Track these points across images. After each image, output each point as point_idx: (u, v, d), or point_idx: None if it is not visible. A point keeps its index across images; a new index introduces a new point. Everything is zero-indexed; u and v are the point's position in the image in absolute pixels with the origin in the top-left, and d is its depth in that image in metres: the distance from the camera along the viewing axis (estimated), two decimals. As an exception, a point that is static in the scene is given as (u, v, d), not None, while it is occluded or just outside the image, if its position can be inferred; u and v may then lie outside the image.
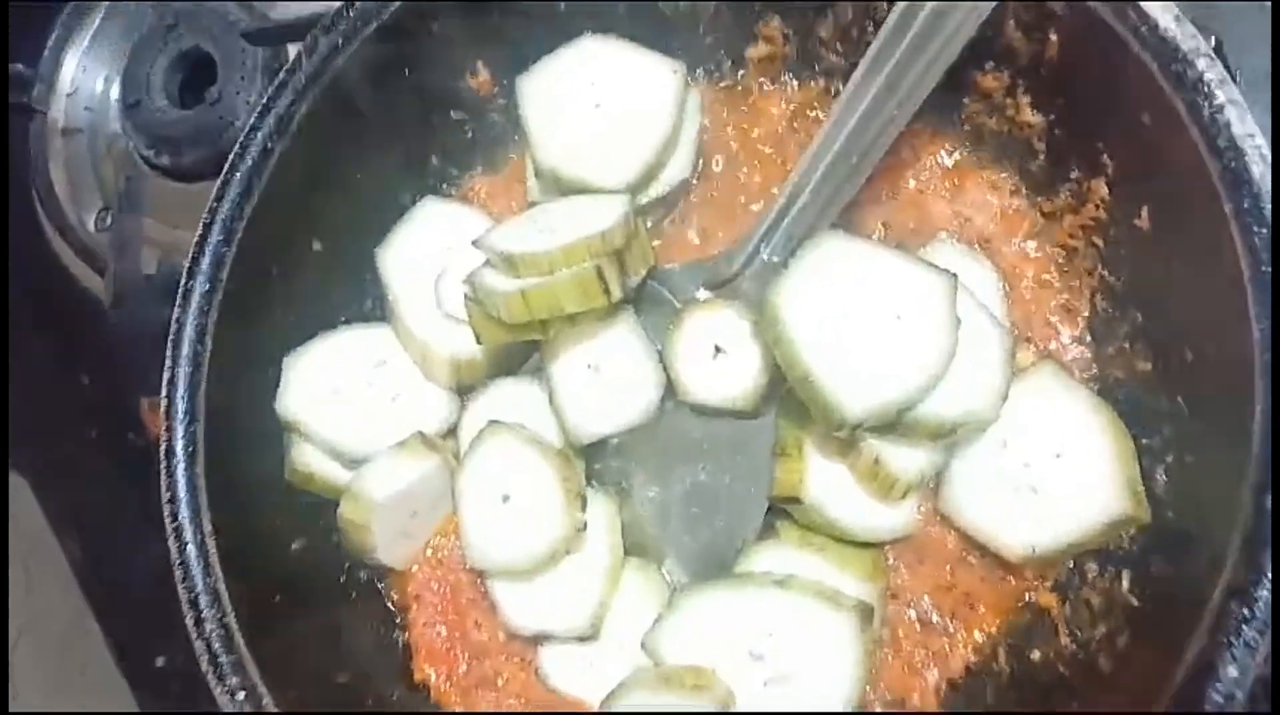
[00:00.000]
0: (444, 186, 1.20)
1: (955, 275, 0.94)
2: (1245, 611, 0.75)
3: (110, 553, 1.50)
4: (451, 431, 1.12)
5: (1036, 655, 0.96)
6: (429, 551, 1.10)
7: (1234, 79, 1.08)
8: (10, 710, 1.30)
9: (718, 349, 1.02)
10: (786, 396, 1.01)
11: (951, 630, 1.00)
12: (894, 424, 0.93)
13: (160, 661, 1.42)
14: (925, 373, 0.91)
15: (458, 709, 1.05)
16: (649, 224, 1.11)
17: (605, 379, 1.03)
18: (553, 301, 0.95)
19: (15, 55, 1.58)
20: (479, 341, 1.02)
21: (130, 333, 1.44)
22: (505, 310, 0.95)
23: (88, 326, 1.51)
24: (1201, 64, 0.85)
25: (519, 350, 1.10)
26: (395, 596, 1.11)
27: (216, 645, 0.93)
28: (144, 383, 1.07)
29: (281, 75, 1.06)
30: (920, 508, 1.01)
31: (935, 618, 1.01)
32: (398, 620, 1.10)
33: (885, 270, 0.94)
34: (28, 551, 1.79)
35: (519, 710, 1.04)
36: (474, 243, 1.01)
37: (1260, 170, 0.82)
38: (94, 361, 1.52)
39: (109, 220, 1.55)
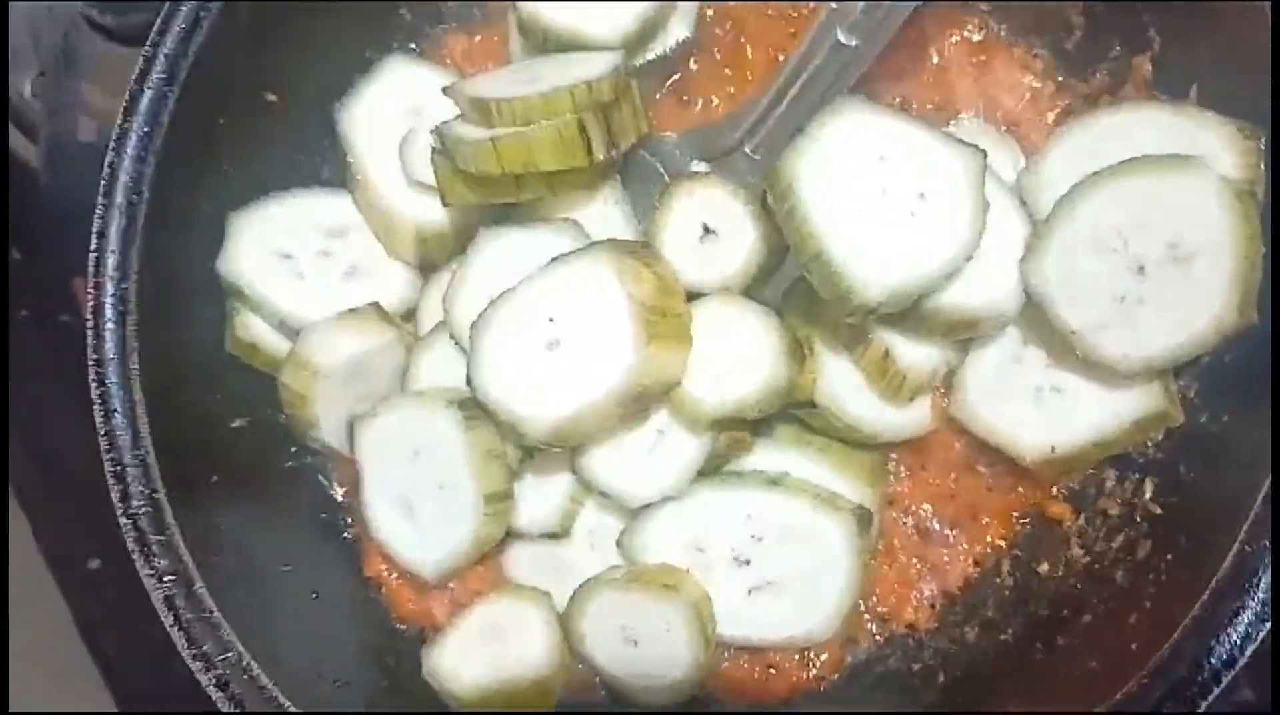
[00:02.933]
0: (414, 44, 1.10)
1: (985, 153, 0.85)
2: (1294, 514, 0.69)
3: (41, 443, 1.41)
4: (411, 314, 1.03)
5: (1044, 568, 0.91)
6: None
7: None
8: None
9: (706, 229, 0.92)
10: (792, 290, 0.93)
11: (952, 541, 0.94)
12: (911, 314, 0.85)
13: (94, 565, 1.35)
14: (948, 257, 0.83)
15: (410, 606, 0.97)
16: (645, 88, 1.00)
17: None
18: (527, 154, 0.85)
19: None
20: (445, 203, 0.92)
21: (65, 206, 1.33)
22: (474, 162, 0.86)
23: (20, 198, 1.40)
24: (1272, -85, 0.76)
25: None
26: (342, 485, 1.03)
27: (144, 523, 0.85)
28: (79, 260, 0.96)
29: (237, -94, 0.94)
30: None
31: (935, 527, 0.95)
32: (346, 512, 1.02)
33: (910, 144, 0.85)
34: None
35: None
36: (444, 90, 0.91)
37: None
38: (26, 236, 1.41)
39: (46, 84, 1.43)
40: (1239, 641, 0.68)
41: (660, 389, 0.86)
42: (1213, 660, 0.69)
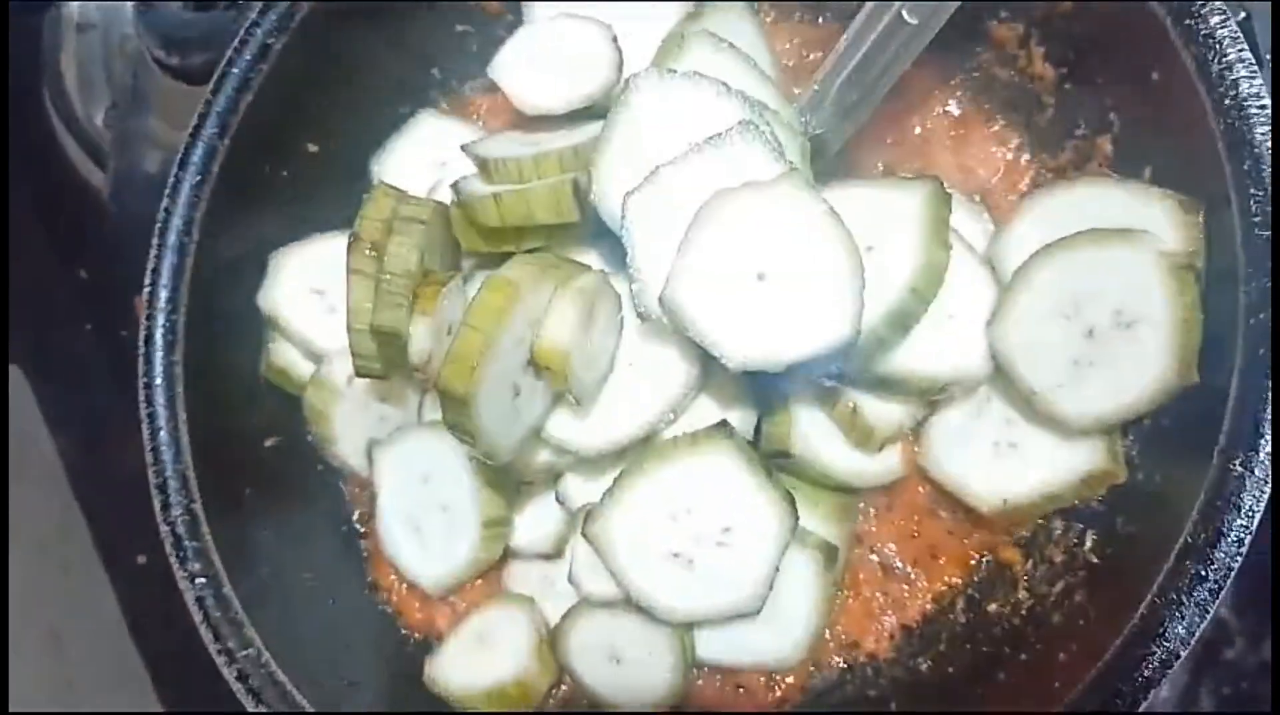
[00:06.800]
0: (443, 100, 1.19)
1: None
2: (1199, 570, 0.75)
3: (100, 448, 1.50)
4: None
5: (993, 607, 0.96)
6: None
7: (1259, 62, 1.07)
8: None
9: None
10: None
11: (913, 578, 1.00)
12: (882, 381, 0.92)
13: (142, 560, 1.42)
14: None
15: (417, 615, 1.06)
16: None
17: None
18: (524, 209, 0.93)
19: (32, -53, 1.57)
20: (461, 247, 1.00)
21: (129, 230, 1.43)
22: (479, 214, 0.94)
23: (88, 221, 1.50)
24: (1214, 20, 0.82)
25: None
26: (359, 502, 1.11)
27: (181, 530, 0.94)
28: (140, 281, 1.07)
29: (288, -27, 1.04)
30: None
31: (898, 565, 1.01)
32: (361, 526, 1.11)
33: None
34: (20, 442, 1.81)
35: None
36: (462, 147, 1.00)
37: (1263, 132, 0.80)
38: (93, 256, 1.51)
39: (115, 117, 1.54)
40: (1143, 685, 0.75)
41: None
42: (1119, 702, 0.75)
